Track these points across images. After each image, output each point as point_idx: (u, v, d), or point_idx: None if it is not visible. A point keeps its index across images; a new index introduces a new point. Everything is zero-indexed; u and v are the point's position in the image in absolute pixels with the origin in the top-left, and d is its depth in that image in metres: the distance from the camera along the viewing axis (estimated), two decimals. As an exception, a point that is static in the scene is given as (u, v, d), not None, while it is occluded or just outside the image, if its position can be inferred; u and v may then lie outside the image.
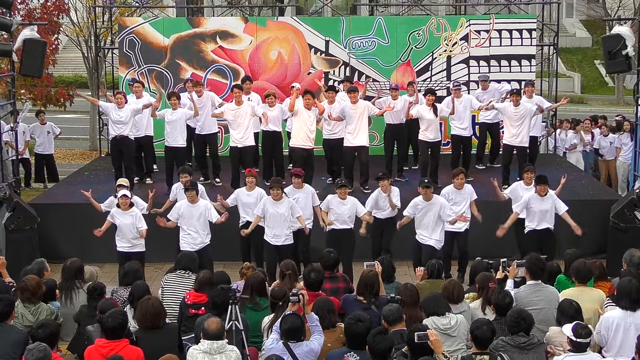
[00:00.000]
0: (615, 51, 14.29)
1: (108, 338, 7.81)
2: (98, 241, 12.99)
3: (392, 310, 8.17)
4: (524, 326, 7.86)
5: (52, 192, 17.58)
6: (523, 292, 9.23)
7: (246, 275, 10.11)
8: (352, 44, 19.57)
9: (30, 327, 8.71)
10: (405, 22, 20.34)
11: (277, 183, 12.72)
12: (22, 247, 13.90)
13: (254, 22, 20.21)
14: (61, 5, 24.20)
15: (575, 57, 45.07)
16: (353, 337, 7.51)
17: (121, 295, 9.99)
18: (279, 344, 7.78)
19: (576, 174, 17.41)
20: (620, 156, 18.62)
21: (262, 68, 19.68)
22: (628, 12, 35.60)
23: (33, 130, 20.52)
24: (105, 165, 18.87)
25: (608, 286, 9.87)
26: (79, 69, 36.11)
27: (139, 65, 19.60)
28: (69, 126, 28.23)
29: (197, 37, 19.69)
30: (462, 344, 8.32)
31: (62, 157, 25.58)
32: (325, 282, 9.76)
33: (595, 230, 14.36)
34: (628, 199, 14.25)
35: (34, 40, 14.49)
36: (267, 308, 9.13)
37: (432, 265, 10.22)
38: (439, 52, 19.60)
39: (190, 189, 12.54)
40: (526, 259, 9.63)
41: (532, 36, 19.76)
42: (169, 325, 8.70)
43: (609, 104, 38.34)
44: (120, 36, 19.95)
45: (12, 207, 14.10)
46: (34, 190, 19.90)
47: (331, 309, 8.40)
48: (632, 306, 8.28)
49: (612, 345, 8.24)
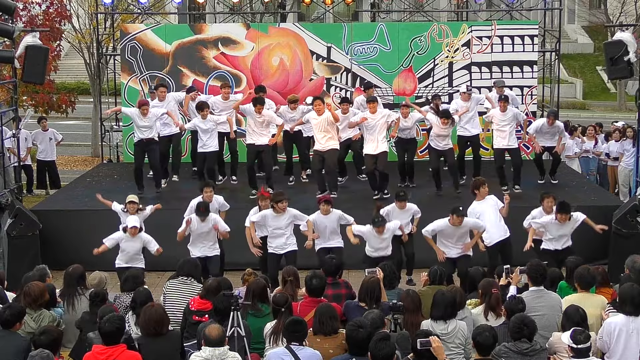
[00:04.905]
0: (617, 57, 14.30)
1: (106, 343, 7.79)
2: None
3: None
4: (526, 332, 7.84)
5: (54, 198, 17.59)
6: (525, 298, 9.21)
7: (248, 282, 10.10)
8: (353, 50, 19.59)
9: (32, 333, 8.70)
10: (407, 28, 20.35)
11: (281, 196, 12.66)
12: (24, 253, 13.90)
13: (255, 28, 20.24)
14: (63, 12, 24.30)
15: (577, 63, 45.07)
16: (355, 344, 7.49)
17: (123, 301, 9.98)
18: (282, 348, 7.78)
19: (578, 180, 17.43)
20: (622, 162, 18.61)
21: (264, 74, 19.69)
22: (630, 19, 35.66)
23: (35, 136, 20.52)
24: (108, 171, 18.89)
25: (610, 292, 9.86)
26: (81, 76, 36.18)
27: (141, 72, 19.63)
28: (70, 133, 28.26)
29: (199, 43, 19.72)
30: (458, 349, 8.36)
31: (64, 164, 25.59)
32: (328, 288, 9.75)
33: (597, 237, 14.33)
34: (630, 205, 14.25)
35: (36, 46, 14.50)
36: (269, 314, 9.12)
37: (435, 272, 10.21)
38: (441, 59, 19.62)
39: (202, 216, 12.60)
40: (527, 266, 9.63)
41: (534, 42, 19.79)
42: (171, 332, 8.68)
43: (610, 110, 38.34)
44: (122, 43, 19.98)
45: (14, 213, 14.10)
46: (35, 196, 19.90)
47: (333, 315, 8.38)
48: (635, 311, 8.26)
49: (615, 351, 8.22)
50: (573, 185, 16.84)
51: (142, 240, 12.38)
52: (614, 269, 12.14)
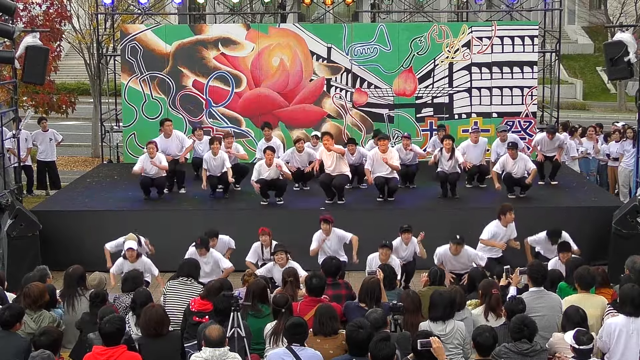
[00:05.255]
0: (617, 58, 14.28)
1: (106, 344, 7.79)
2: (100, 248, 12.97)
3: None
4: (527, 333, 7.84)
5: (54, 199, 17.58)
6: (525, 299, 9.21)
7: (248, 282, 10.10)
8: (354, 50, 19.59)
9: (32, 334, 8.70)
10: (407, 28, 20.36)
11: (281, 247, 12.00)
12: (24, 254, 13.88)
13: (256, 29, 20.24)
14: (63, 12, 24.26)
15: (577, 64, 45.10)
16: (355, 344, 7.49)
17: (123, 301, 9.98)
18: (283, 349, 7.78)
19: (578, 181, 17.44)
20: (622, 162, 18.61)
21: (264, 75, 19.70)
22: (630, 19, 35.65)
23: (35, 137, 20.51)
24: (108, 172, 18.90)
25: (610, 293, 9.86)
26: (81, 76, 36.18)
27: (141, 72, 19.64)
28: (71, 133, 28.27)
29: (199, 44, 19.73)
30: (457, 350, 8.36)
31: (64, 164, 25.59)
32: (328, 289, 9.76)
33: (597, 237, 14.35)
34: (630, 205, 14.23)
35: (36, 47, 14.47)
36: (269, 315, 9.11)
37: (434, 272, 10.22)
38: (441, 59, 19.63)
39: (200, 247, 12.26)
40: (527, 266, 9.63)
41: (534, 43, 19.80)
42: (172, 332, 8.68)
43: (610, 110, 38.34)
44: (122, 43, 19.99)
45: (14, 214, 14.08)
46: (36, 197, 19.89)
47: (333, 315, 8.37)
48: (635, 312, 8.26)
49: (615, 352, 8.22)
50: (573, 186, 16.85)
51: (143, 264, 12.24)
52: (614, 270, 12.13)
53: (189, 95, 19.69)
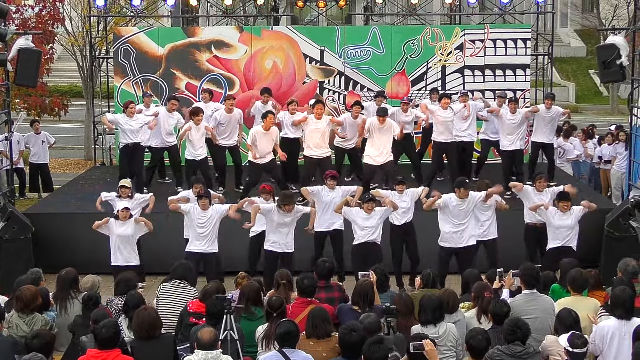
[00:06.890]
0: (610, 61, 14.34)
1: (101, 348, 7.78)
2: (93, 251, 12.96)
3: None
4: (520, 335, 7.85)
5: (46, 201, 17.56)
6: (518, 301, 9.23)
7: (241, 285, 10.09)
8: (347, 53, 19.60)
9: (24, 337, 8.67)
10: (400, 31, 20.39)
11: (289, 199, 12.44)
12: (16, 257, 13.86)
13: (249, 31, 20.22)
14: (56, 15, 24.23)
15: (570, 67, 45.18)
16: (348, 347, 7.48)
17: (116, 304, 9.96)
18: (275, 352, 7.76)
19: (571, 183, 17.41)
20: (614, 165, 18.66)
21: (257, 77, 19.69)
22: (622, 22, 35.67)
23: (27, 139, 20.49)
24: (100, 175, 18.86)
25: (603, 295, 9.88)
26: (73, 79, 36.14)
27: (134, 75, 19.61)
28: (63, 135, 28.25)
29: (192, 46, 19.71)
30: (450, 352, 8.38)
31: (56, 167, 25.56)
32: (320, 291, 9.75)
33: (590, 239, 14.35)
34: (623, 208, 14.28)
35: (29, 49, 14.47)
36: (262, 317, 9.11)
37: (427, 275, 10.21)
38: (434, 62, 19.64)
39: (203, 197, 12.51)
40: (520, 269, 9.64)
41: (527, 46, 19.82)
42: (164, 335, 8.67)
43: (603, 113, 38.42)
44: (115, 45, 19.96)
45: (7, 216, 14.07)
46: (28, 199, 19.87)
47: (326, 318, 8.36)
48: (627, 315, 8.28)
49: (607, 355, 8.23)
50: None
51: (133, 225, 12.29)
52: (607, 272, 12.16)
53: (181, 97, 19.64)
